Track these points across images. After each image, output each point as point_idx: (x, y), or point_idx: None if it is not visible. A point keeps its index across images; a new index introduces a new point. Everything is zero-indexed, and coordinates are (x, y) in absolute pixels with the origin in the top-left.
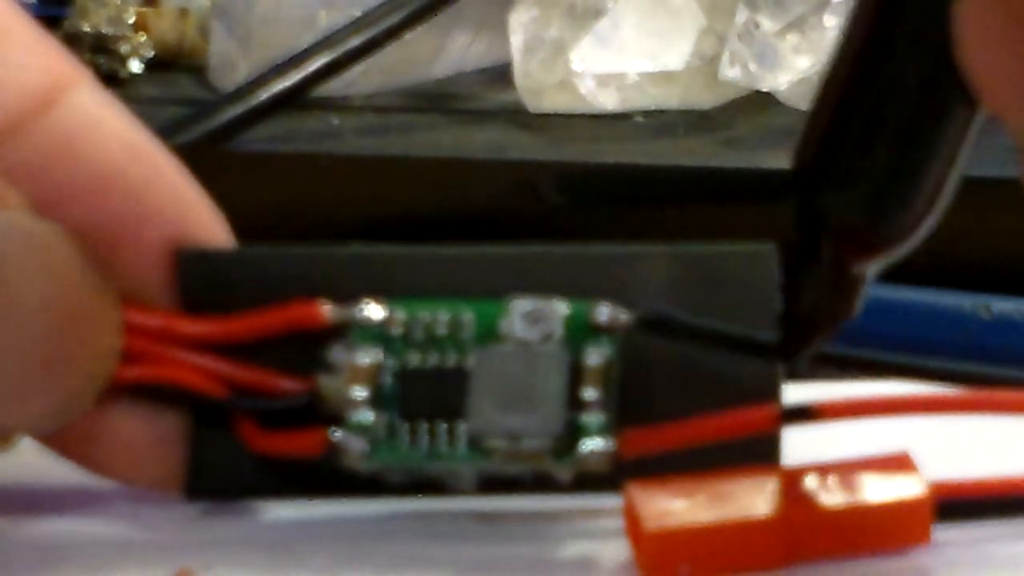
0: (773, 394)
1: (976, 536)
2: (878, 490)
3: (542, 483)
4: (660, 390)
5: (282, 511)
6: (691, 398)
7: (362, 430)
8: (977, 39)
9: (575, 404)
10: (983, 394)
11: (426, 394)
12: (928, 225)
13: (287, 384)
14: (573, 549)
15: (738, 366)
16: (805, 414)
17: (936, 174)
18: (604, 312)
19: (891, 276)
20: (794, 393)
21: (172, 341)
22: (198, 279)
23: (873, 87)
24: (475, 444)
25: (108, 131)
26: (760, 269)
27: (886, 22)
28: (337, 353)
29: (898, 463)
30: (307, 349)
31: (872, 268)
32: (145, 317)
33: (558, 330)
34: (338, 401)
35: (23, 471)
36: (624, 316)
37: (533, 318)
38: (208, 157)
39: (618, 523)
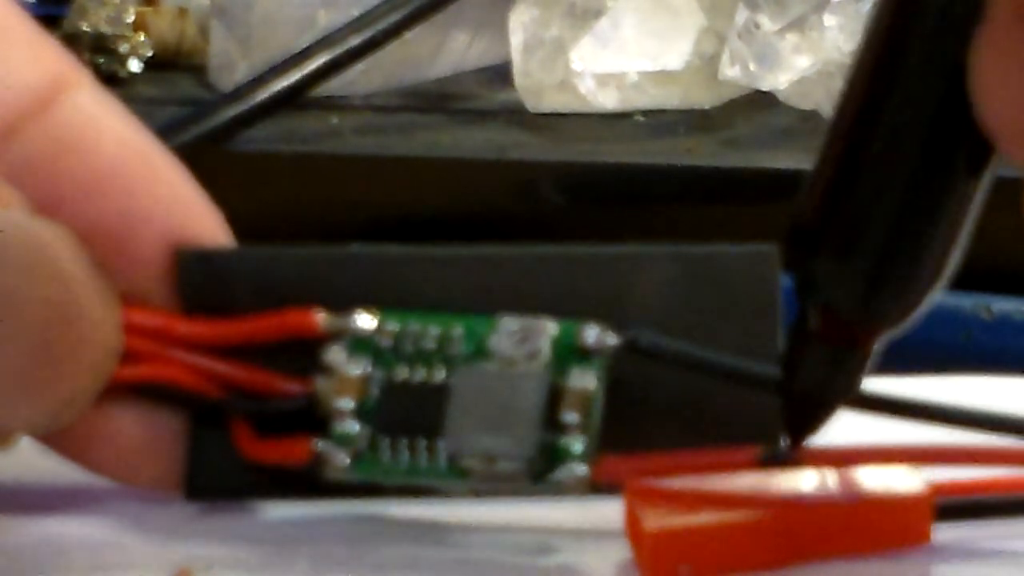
0: (766, 419)
1: (975, 536)
2: (878, 489)
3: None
4: (650, 411)
5: (280, 511)
6: (680, 420)
7: (345, 441)
8: (999, 90)
9: (555, 427)
10: (970, 447)
11: (408, 409)
12: (929, 302)
13: (285, 386)
14: (573, 550)
15: (730, 391)
16: (785, 461)
17: (937, 253)
18: (592, 334)
19: None
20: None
21: (171, 341)
22: (197, 279)
23: (872, 155)
24: (452, 462)
25: (107, 131)
26: (761, 270)
27: (885, 84)
28: (334, 355)
29: None
30: (305, 351)
31: (873, 344)
32: (144, 317)
33: (545, 350)
34: (329, 407)
35: (23, 471)
36: (611, 339)
37: (520, 337)
38: (208, 157)
39: (618, 523)
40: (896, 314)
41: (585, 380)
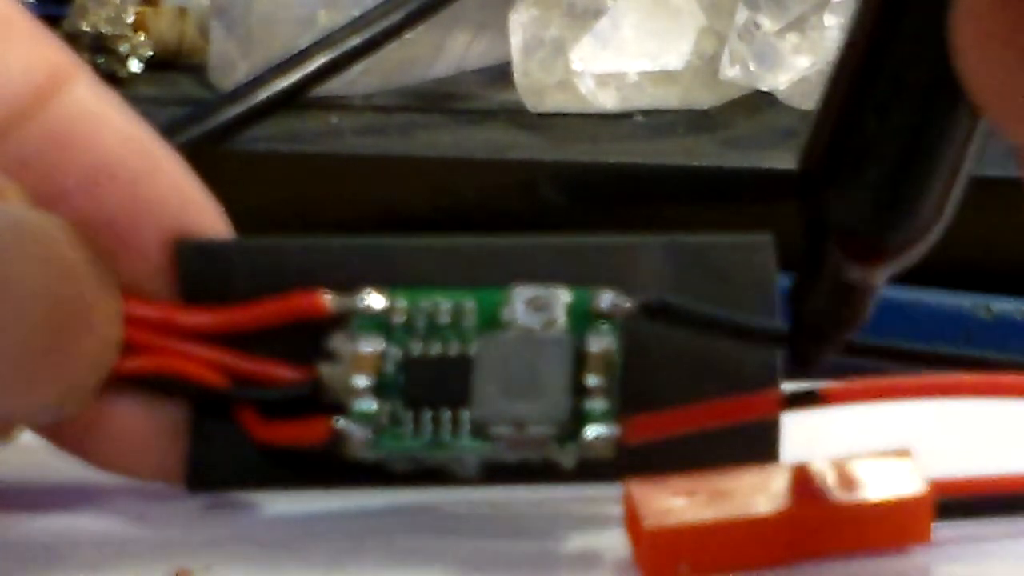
0: (773, 380)
1: (976, 534)
2: (878, 488)
3: (545, 471)
4: (662, 376)
5: (282, 507)
6: (692, 384)
7: (365, 418)
8: (973, 49)
9: (578, 390)
10: (987, 378)
11: (429, 382)
12: (935, 232)
13: (288, 373)
14: (573, 547)
15: (738, 353)
16: (808, 399)
17: (941, 179)
18: (606, 299)
19: (892, 276)
20: (797, 387)
21: (172, 332)
22: (197, 270)
23: (875, 92)
24: (479, 431)
25: (106, 124)
26: (758, 260)
27: (886, 29)
28: (339, 342)
29: (898, 461)
30: (308, 339)
31: (880, 276)
32: (145, 308)
33: (560, 317)
34: (340, 390)
35: (23, 467)
36: (626, 303)
37: (536, 305)
38: (207, 157)
39: (619, 520)
40: (906, 236)
41: (604, 343)
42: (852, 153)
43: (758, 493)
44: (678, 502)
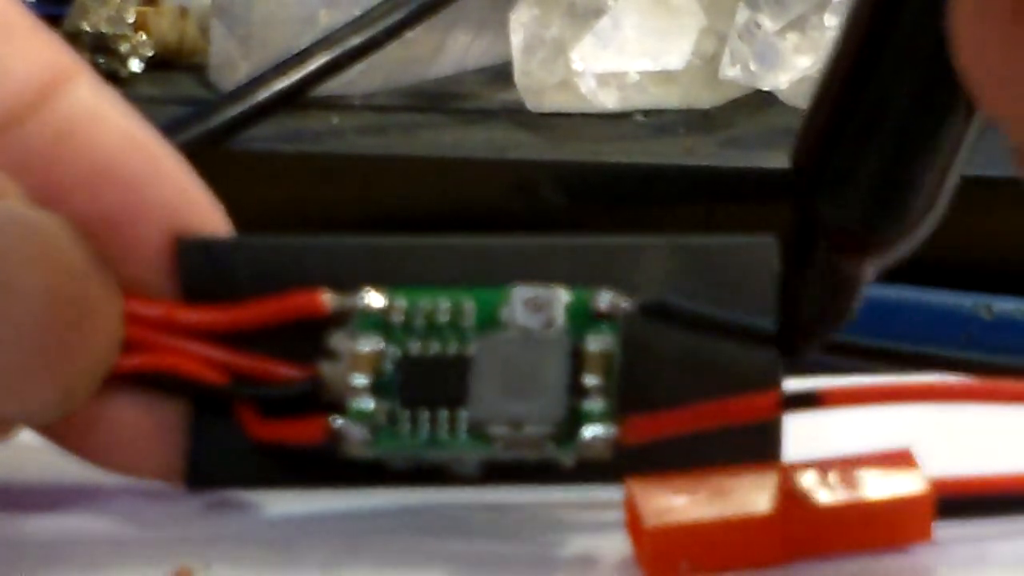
0: (774, 381)
1: (977, 534)
2: (879, 487)
3: (544, 471)
4: (661, 377)
5: (283, 506)
6: (692, 385)
7: (363, 417)
8: (973, 42)
9: (576, 391)
10: (988, 383)
11: (427, 381)
12: (925, 228)
13: (288, 372)
14: (574, 545)
15: (739, 354)
16: (807, 400)
17: (933, 176)
18: (605, 299)
19: (891, 275)
20: (798, 386)
21: (173, 330)
22: (198, 268)
23: (869, 89)
24: (476, 431)
25: (107, 123)
26: (761, 261)
27: (882, 25)
28: (338, 340)
29: (899, 460)
30: (307, 337)
31: (869, 269)
32: (146, 307)
33: (559, 317)
34: (339, 389)
35: (22, 466)
36: (625, 303)
37: (535, 305)
38: (208, 156)
39: (619, 519)
40: (897, 231)
41: (603, 343)
42: (843, 150)
43: (759, 492)
44: (679, 501)
